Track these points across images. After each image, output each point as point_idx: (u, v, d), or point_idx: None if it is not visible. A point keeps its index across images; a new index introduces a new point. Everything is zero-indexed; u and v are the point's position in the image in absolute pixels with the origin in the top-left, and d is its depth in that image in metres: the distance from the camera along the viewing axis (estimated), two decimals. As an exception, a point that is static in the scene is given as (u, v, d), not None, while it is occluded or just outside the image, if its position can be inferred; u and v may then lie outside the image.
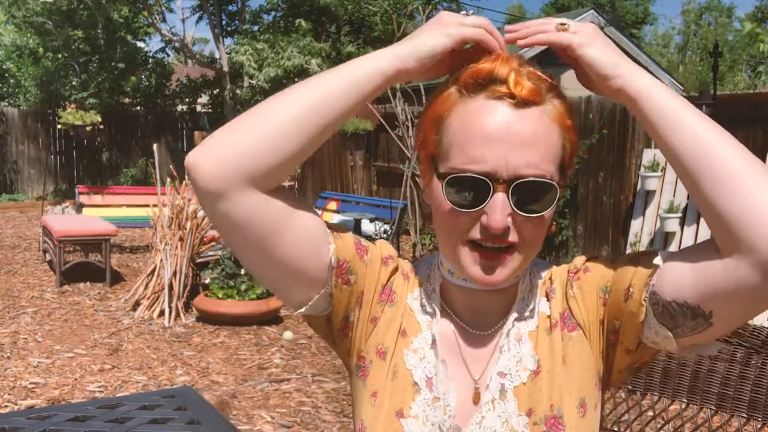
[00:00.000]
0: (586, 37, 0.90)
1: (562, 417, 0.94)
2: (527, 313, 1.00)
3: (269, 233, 0.90)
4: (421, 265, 1.09)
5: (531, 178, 0.89)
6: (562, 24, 0.91)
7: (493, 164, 0.88)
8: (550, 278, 1.03)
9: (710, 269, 0.84)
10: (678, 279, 0.87)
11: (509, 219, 0.90)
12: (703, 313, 0.86)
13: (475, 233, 0.91)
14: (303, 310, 0.98)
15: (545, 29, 0.92)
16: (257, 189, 0.88)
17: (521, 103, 0.90)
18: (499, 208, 0.88)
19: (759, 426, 1.54)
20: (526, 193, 0.89)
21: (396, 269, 1.05)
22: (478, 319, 1.01)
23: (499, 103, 0.90)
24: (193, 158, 0.87)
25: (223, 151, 0.86)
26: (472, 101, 0.91)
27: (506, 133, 0.88)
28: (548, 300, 1.01)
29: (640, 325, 0.92)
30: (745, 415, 1.56)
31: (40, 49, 15.39)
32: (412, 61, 0.92)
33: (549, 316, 1.00)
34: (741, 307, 0.85)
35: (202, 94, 16.48)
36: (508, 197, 0.89)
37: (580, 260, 1.02)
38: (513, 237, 0.91)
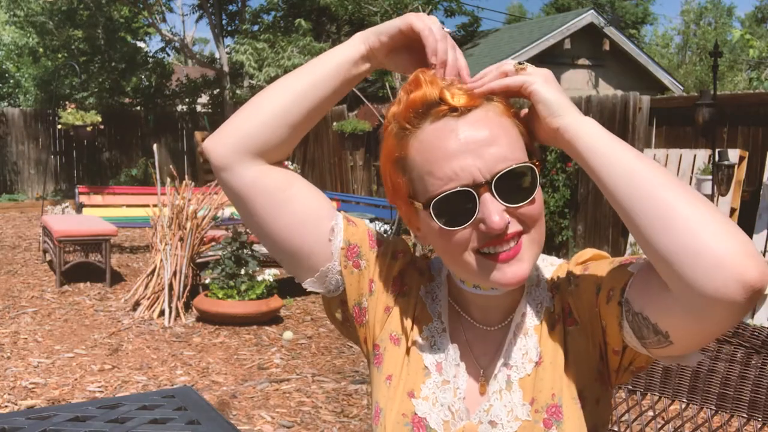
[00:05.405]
0: (541, 77, 0.95)
1: (562, 406, 0.97)
2: (534, 309, 1.03)
3: (268, 203, 1.00)
4: (435, 261, 1.13)
5: (507, 169, 0.91)
6: (519, 64, 0.96)
7: (467, 174, 0.91)
8: (558, 273, 1.06)
9: (663, 293, 0.85)
10: (642, 292, 0.89)
11: (505, 214, 0.92)
12: (660, 331, 0.88)
13: (480, 242, 0.93)
14: (314, 277, 1.03)
15: (505, 70, 0.96)
16: (256, 161, 1.00)
17: (464, 110, 0.94)
18: (491, 209, 0.91)
19: (759, 426, 1.54)
20: (509, 184, 0.92)
21: (409, 263, 1.09)
22: (486, 316, 1.05)
23: (445, 121, 0.94)
24: (207, 140, 1.03)
25: (227, 133, 1.02)
26: (421, 131, 0.95)
27: (466, 143, 0.92)
28: (553, 296, 1.04)
29: (618, 327, 0.94)
30: (745, 415, 1.56)
31: (40, 49, 15.39)
32: (376, 39, 1.00)
33: (553, 312, 1.03)
34: (694, 332, 0.86)
35: (202, 94, 16.46)
36: (494, 195, 0.91)
37: (582, 256, 1.05)
38: (515, 227, 0.93)
